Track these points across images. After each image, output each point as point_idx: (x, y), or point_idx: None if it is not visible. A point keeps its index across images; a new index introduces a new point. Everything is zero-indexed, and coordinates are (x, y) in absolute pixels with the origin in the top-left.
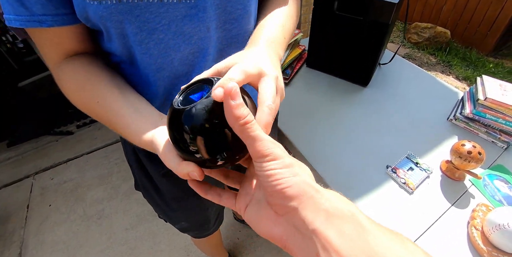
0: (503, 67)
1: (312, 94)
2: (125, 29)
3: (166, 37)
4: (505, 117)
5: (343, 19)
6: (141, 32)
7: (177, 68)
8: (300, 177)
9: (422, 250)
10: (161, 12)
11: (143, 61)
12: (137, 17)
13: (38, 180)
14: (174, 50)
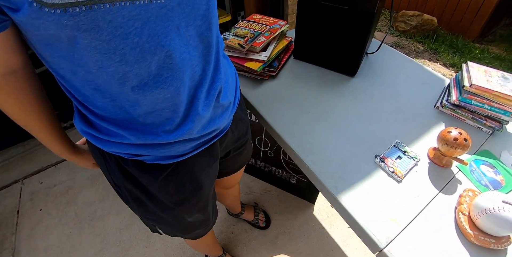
0: (488, 53)
1: (300, 86)
2: (95, 39)
3: (141, 40)
4: (490, 103)
5: (329, 9)
6: (115, 38)
7: (156, 73)
8: None
9: None
10: (134, 14)
11: (118, 70)
12: (109, 22)
13: (27, 184)
14: (150, 54)
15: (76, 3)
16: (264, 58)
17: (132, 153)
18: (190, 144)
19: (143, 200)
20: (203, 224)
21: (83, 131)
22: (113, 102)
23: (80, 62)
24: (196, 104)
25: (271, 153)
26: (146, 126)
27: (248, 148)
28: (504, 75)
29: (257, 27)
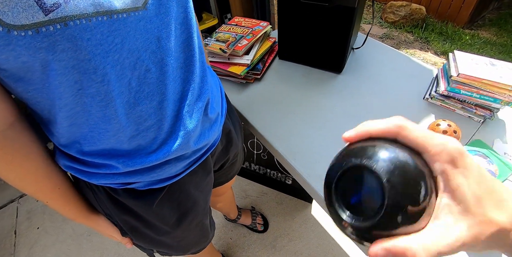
0: (479, 38)
1: (286, 87)
2: (74, 59)
3: (121, 57)
4: (479, 91)
5: (309, 7)
6: (95, 57)
7: (137, 89)
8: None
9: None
10: (112, 30)
11: (100, 91)
12: (88, 40)
13: (23, 203)
14: (130, 70)
15: (49, 22)
16: (247, 62)
17: (122, 182)
18: (182, 162)
19: (139, 227)
20: (202, 239)
21: (65, 165)
22: (93, 133)
23: (57, 92)
24: (183, 118)
25: (265, 155)
26: (133, 150)
27: (240, 157)
28: (491, 62)
29: (239, 30)
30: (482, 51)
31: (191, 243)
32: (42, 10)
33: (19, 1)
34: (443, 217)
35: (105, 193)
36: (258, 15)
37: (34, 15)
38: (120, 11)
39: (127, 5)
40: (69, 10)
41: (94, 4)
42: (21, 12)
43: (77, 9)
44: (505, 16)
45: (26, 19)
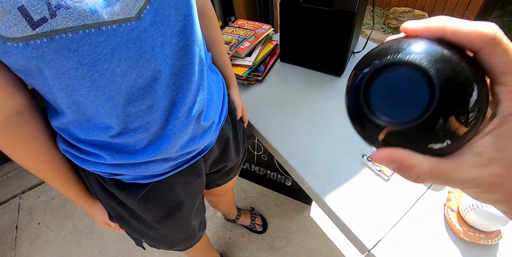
0: None
1: (286, 88)
2: (62, 67)
3: (111, 65)
4: None
5: (310, 11)
6: (82, 66)
7: (128, 94)
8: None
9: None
10: (101, 41)
11: (89, 94)
12: (74, 51)
13: (25, 199)
14: (121, 76)
15: (36, 35)
16: (249, 63)
17: (109, 172)
18: (168, 163)
19: (125, 216)
20: (188, 239)
21: (63, 149)
22: (87, 124)
23: (54, 90)
24: (172, 124)
25: (265, 156)
26: (121, 146)
27: (242, 159)
28: None
29: (241, 32)
30: None
31: (176, 240)
32: (30, 25)
33: (10, 17)
34: (478, 153)
35: (95, 179)
36: (262, 18)
37: (23, 29)
38: (110, 23)
39: (118, 16)
40: (55, 25)
41: (81, 17)
42: (12, 27)
43: (64, 23)
44: (508, 23)
45: (16, 32)
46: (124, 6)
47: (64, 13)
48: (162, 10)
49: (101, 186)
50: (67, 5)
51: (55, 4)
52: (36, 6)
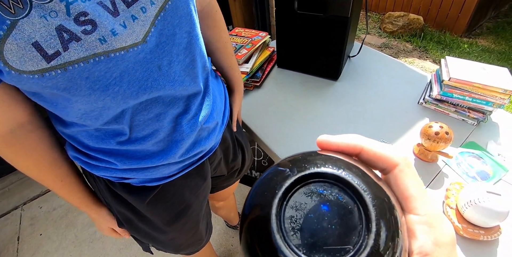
0: (477, 46)
1: (284, 93)
2: (76, 94)
3: (122, 88)
4: (471, 94)
5: (305, 17)
6: (95, 92)
7: (137, 105)
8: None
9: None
10: (111, 66)
11: (101, 114)
12: (86, 79)
13: (26, 210)
14: (133, 99)
15: (51, 68)
16: (247, 70)
17: (119, 176)
18: (176, 165)
19: (134, 221)
20: (196, 242)
21: (72, 156)
22: (96, 133)
23: (64, 111)
24: (180, 130)
25: (265, 162)
26: (129, 152)
27: (248, 163)
28: (482, 66)
29: (238, 40)
30: (480, 59)
31: (184, 244)
32: (44, 59)
33: (25, 52)
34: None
35: (104, 183)
36: (259, 26)
37: (38, 63)
38: (119, 49)
39: (126, 43)
40: (68, 57)
41: (92, 47)
42: (27, 61)
43: (76, 54)
44: (502, 24)
45: (32, 66)
46: (131, 33)
47: (75, 45)
48: (166, 31)
49: (111, 190)
50: (78, 37)
51: (67, 37)
52: (49, 41)
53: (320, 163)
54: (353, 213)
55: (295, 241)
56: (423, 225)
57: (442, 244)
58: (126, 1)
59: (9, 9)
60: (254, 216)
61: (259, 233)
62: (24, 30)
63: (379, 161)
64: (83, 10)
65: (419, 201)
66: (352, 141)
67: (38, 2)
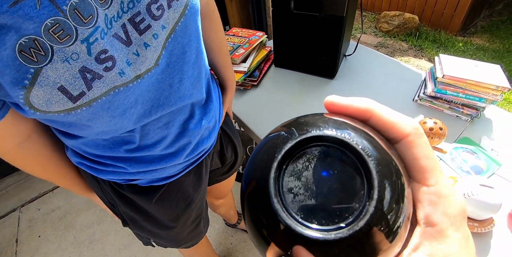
0: (471, 44)
1: (282, 92)
2: (97, 122)
3: (136, 110)
4: (465, 91)
5: (301, 17)
6: (114, 118)
7: (157, 131)
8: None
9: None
10: (128, 94)
11: (117, 131)
12: (107, 109)
13: (24, 212)
14: (146, 117)
15: (77, 107)
16: (244, 69)
17: (127, 178)
18: (181, 164)
19: (139, 220)
20: (196, 236)
21: (77, 162)
22: (103, 143)
23: (81, 131)
24: (187, 135)
25: None
26: (138, 157)
27: (240, 154)
28: (475, 63)
29: (236, 40)
30: (475, 57)
31: (185, 238)
32: (70, 100)
33: (51, 96)
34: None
35: (110, 186)
36: (256, 26)
37: (64, 104)
38: (135, 78)
39: (141, 70)
40: (92, 95)
41: (112, 81)
42: (53, 103)
43: (99, 91)
44: (496, 23)
45: (58, 107)
46: (144, 60)
47: (98, 83)
48: (176, 51)
49: (117, 192)
50: (100, 75)
51: (90, 78)
52: (74, 83)
53: (324, 126)
54: (355, 179)
55: (293, 205)
56: (432, 195)
57: (451, 215)
58: (138, 29)
59: (31, 57)
60: (255, 177)
61: (258, 196)
62: (49, 76)
63: (388, 129)
64: (103, 48)
65: (429, 171)
66: (363, 105)
67: (59, 46)
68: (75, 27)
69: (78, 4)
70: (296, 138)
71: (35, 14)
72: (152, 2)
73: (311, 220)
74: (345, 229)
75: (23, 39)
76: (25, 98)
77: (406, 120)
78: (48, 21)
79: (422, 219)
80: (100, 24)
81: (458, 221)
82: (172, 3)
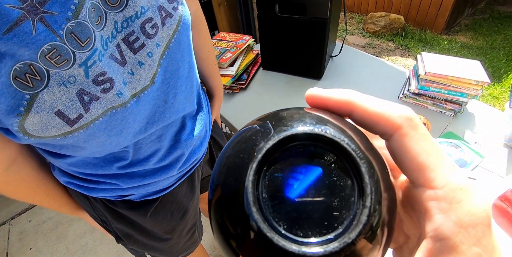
0: (456, 42)
1: (270, 94)
2: (93, 142)
3: (132, 128)
4: (447, 87)
5: (286, 20)
6: (110, 138)
7: (150, 145)
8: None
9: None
10: (126, 115)
11: (112, 150)
12: (104, 129)
13: (15, 225)
14: (141, 133)
15: (74, 130)
16: (232, 73)
17: (120, 195)
18: (174, 177)
19: (133, 234)
20: (191, 245)
21: (66, 181)
22: (94, 161)
23: (74, 152)
24: (179, 147)
25: None
26: (131, 173)
27: None
28: (456, 60)
29: (223, 44)
30: (460, 54)
31: (181, 248)
32: (67, 124)
33: (47, 122)
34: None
35: (102, 203)
36: (244, 30)
37: (61, 128)
38: (131, 98)
39: (136, 89)
40: (90, 117)
41: (110, 102)
42: (50, 128)
43: (96, 112)
44: (479, 21)
45: (55, 132)
46: (138, 78)
47: (95, 104)
48: (170, 67)
49: (109, 209)
50: (98, 97)
51: (87, 100)
52: (72, 107)
53: (306, 122)
54: (345, 184)
55: (275, 214)
56: (441, 201)
57: (468, 225)
58: (132, 48)
59: (27, 83)
60: (228, 182)
61: (232, 205)
62: (45, 101)
63: (375, 123)
64: (101, 70)
65: (433, 170)
66: (343, 97)
67: (56, 70)
68: (73, 51)
69: (75, 28)
70: (277, 136)
71: (31, 40)
72: (147, 21)
73: (295, 231)
74: (335, 241)
75: (18, 65)
76: (19, 125)
77: (396, 110)
78: (45, 47)
79: (430, 231)
80: (97, 46)
81: (479, 232)
82: (166, 21)
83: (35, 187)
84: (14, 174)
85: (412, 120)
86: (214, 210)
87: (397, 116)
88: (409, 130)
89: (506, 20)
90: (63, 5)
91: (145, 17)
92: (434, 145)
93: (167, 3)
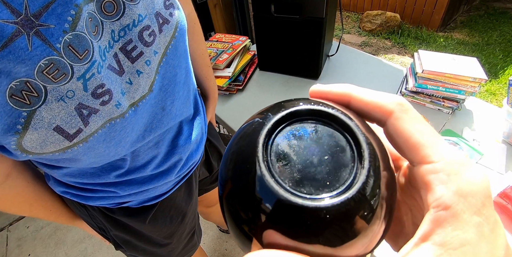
0: (452, 39)
1: (267, 95)
2: (91, 154)
3: (130, 137)
4: (444, 85)
5: (282, 20)
6: (109, 148)
7: (147, 152)
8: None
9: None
10: (125, 125)
11: (111, 159)
12: (103, 141)
13: (13, 231)
14: (139, 141)
15: (73, 145)
16: (229, 74)
17: (118, 202)
18: (171, 181)
19: (132, 241)
20: (191, 249)
21: (62, 191)
22: (91, 171)
23: (71, 164)
24: (177, 152)
25: None
26: (130, 180)
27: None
28: (453, 57)
29: (219, 45)
30: (456, 51)
31: (181, 252)
32: (67, 139)
33: (46, 138)
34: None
35: (99, 211)
36: (240, 31)
37: (60, 144)
38: (129, 108)
39: (134, 98)
40: (89, 130)
41: (109, 114)
42: (48, 144)
43: (95, 125)
44: (475, 17)
45: (54, 148)
46: (137, 87)
47: (94, 117)
48: (168, 74)
49: (107, 217)
50: (97, 109)
51: (86, 113)
52: (71, 122)
53: (309, 102)
54: (345, 150)
55: (283, 177)
56: (440, 173)
57: (468, 194)
58: (130, 57)
59: (24, 100)
60: (238, 166)
61: (248, 182)
62: (43, 118)
63: (370, 111)
64: (100, 82)
65: (429, 147)
66: (341, 89)
67: (53, 85)
68: (71, 65)
69: (72, 40)
70: (282, 112)
71: (27, 56)
72: (144, 29)
73: (300, 189)
74: (337, 196)
75: (14, 83)
76: (17, 144)
77: (388, 97)
78: (42, 62)
79: (432, 202)
80: (96, 58)
81: (479, 201)
82: (163, 27)
83: (32, 201)
84: (9, 189)
85: (403, 105)
86: (229, 198)
87: (389, 102)
88: (401, 113)
89: (501, 16)
90: (59, 16)
91: (143, 25)
92: (427, 125)
93: (164, 9)
